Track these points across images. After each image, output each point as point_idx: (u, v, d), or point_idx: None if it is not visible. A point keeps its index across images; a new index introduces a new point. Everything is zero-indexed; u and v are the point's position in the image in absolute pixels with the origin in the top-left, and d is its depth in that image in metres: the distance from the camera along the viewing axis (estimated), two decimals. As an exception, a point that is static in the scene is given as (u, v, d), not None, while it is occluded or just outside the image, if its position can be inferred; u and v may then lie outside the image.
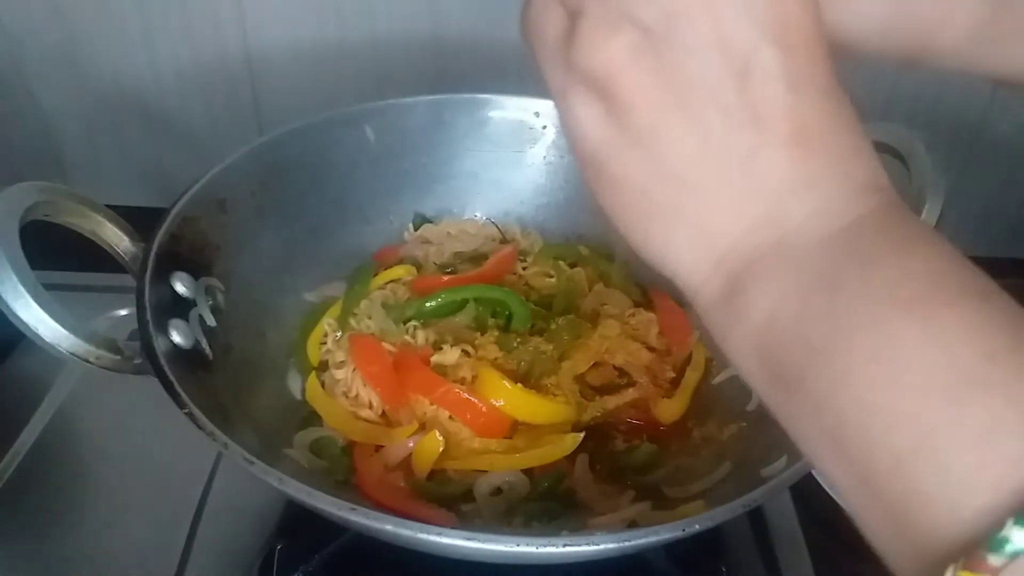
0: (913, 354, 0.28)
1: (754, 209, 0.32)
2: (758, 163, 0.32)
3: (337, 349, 0.73)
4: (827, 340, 0.30)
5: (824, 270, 0.31)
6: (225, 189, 0.72)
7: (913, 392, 0.27)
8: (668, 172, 0.33)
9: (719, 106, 0.32)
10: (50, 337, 0.54)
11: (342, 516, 0.49)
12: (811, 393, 0.30)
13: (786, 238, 0.32)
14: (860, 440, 0.28)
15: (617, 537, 0.49)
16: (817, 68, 0.32)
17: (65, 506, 0.72)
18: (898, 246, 0.31)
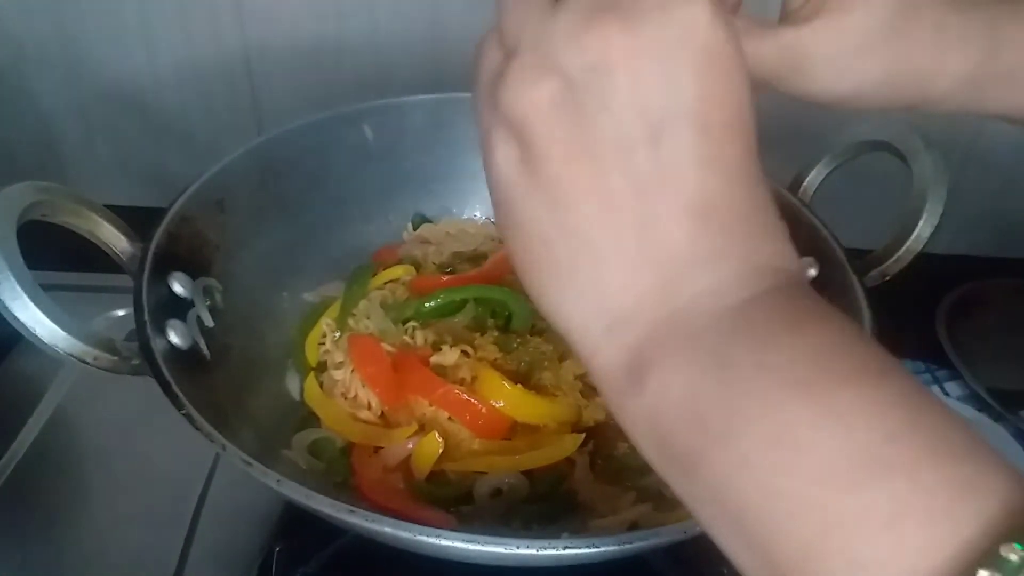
0: (810, 438, 0.27)
1: (647, 278, 0.31)
2: (655, 232, 0.31)
3: (336, 350, 0.73)
4: (723, 424, 0.29)
5: (717, 350, 0.30)
6: (223, 189, 0.71)
7: (814, 478, 0.26)
8: (568, 226, 0.32)
9: (626, 168, 0.31)
10: (47, 337, 0.54)
11: (341, 518, 0.49)
12: (710, 478, 0.29)
13: (677, 313, 0.31)
14: (764, 528, 0.27)
15: (618, 539, 0.49)
16: (733, 149, 0.32)
17: (62, 507, 0.72)
18: (791, 325, 0.30)
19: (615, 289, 0.32)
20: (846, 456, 0.26)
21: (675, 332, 0.31)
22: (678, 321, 0.31)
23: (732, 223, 0.32)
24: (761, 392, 0.28)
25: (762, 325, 0.30)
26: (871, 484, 0.25)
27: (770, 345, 0.29)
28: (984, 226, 1.03)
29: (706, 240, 0.31)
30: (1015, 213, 1.02)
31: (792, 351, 0.29)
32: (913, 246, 0.69)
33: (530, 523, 0.62)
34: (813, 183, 0.76)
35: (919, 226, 0.68)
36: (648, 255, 0.31)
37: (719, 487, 0.29)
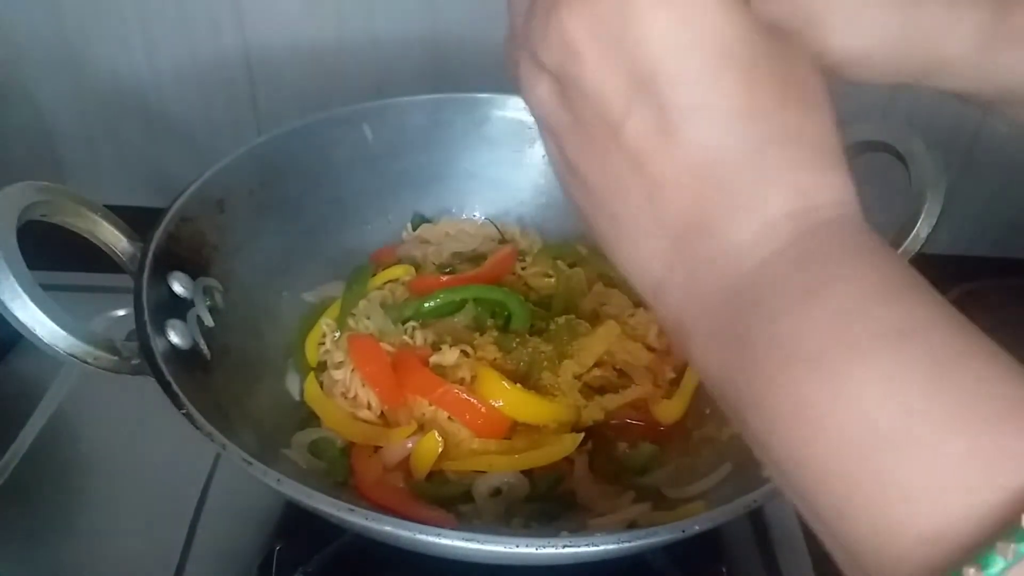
0: (827, 415, 0.27)
1: (665, 246, 0.33)
2: (662, 201, 0.32)
3: (335, 349, 0.73)
4: (748, 396, 0.30)
5: (733, 324, 0.31)
6: (223, 189, 0.71)
7: (834, 452, 0.27)
8: (597, 205, 0.35)
9: (620, 144, 0.32)
10: (48, 337, 0.54)
11: (341, 517, 0.49)
12: (752, 435, 0.31)
13: (698, 286, 0.32)
14: (800, 487, 0.29)
15: (617, 538, 0.49)
16: (721, 88, 0.31)
17: (63, 507, 0.72)
18: (804, 292, 0.30)
19: (646, 257, 0.34)
20: (862, 434, 0.27)
21: (696, 304, 0.32)
22: (696, 293, 0.32)
23: (734, 174, 0.31)
24: (775, 370, 0.29)
25: (777, 293, 0.30)
26: (888, 459, 0.26)
27: (781, 318, 0.29)
28: (983, 227, 1.03)
29: (710, 201, 0.31)
30: (1013, 214, 1.03)
31: (804, 322, 0.29)
32: (911, 246, 0.69)
33: (529, 522, 0.62)
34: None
35: (917, 226, 0.68)
36: (662, 224, 0.33)
37: (759, 445, 0.31)
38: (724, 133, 0.31)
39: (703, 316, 0.32)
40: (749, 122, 0.31)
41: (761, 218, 0.31)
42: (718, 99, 0.31)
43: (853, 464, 0.27)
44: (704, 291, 0.32)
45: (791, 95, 0.32)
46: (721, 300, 0.31)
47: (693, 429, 0.72)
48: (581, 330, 0.73)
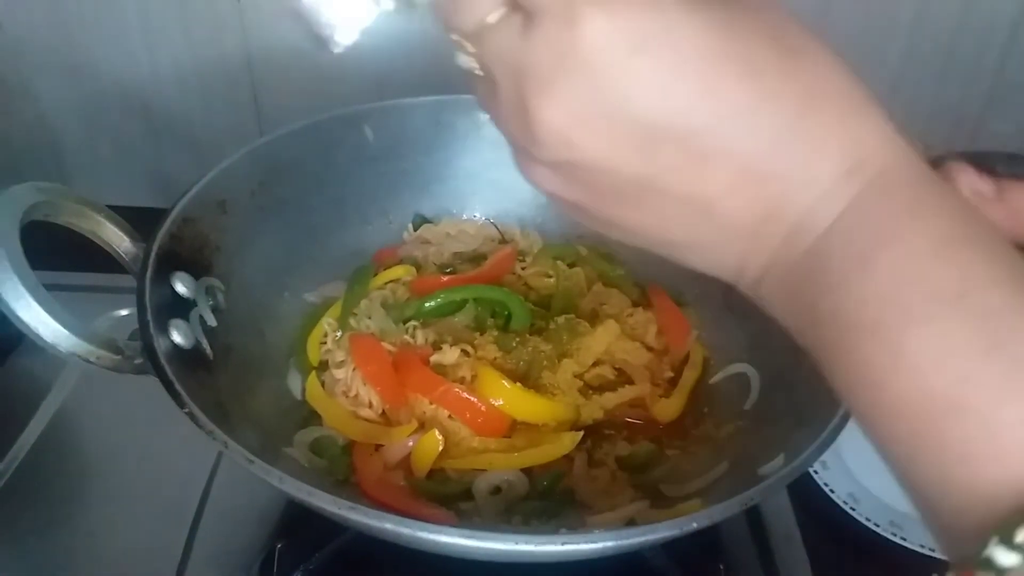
0: (886, 383, 0.29)
1: (737, 247, 0.34)
2: (716, 217, 0.33)
3: (337, 349, 0.73)
4: (821, 359, 0.32)
5: (803, 296, 0.32)
6: (225, 190, 0.72)
7: (895, 416, 0.29)
8: (651, 240, 0.35)
9: (649, 193, 0.33)
10: (51, 337, 0.54)
11: (342, 515, 0.49)
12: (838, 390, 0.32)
13: (771, 266, 0.33)
14: (875, 440, 0.30)
15: (615, 535, 0.49)
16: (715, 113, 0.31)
17: (66, 505, 0.72)
18: (861, 258, 0.30)
19: (719, 259, 0.35)
20: (920, 400, 0.28)
21: (773, 281, 0.33)
22: (773, 272, 0.33)
23: (777, 158, 0.31)
24: (839, 339, 0.30)
25: (837, 262, 0.31)
26: (944, 424, 0.27)
27: (840, 288, 0.30)
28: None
29: (762, 195, 0.32)
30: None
31: (862, 289, 0.30)
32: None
33: (529, 520, 0.63)
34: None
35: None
36: (725, 233, 0.33)
37: (845, 401, 0.32)
38: (749, 131, 0.31)
39: (778, 293, 0.33)
40: (772, 102, 0.31)
41: (818, 187, 0.31)
42: (726, 106, 0.30)
43: (913, 428, 0.28)
44: (776, 273, 0.33)
45: (789, 54, 0.31)
46: (789, 277, 0.32)
47: (691, 427, 0.72)
48: (581, 330, 0.74)
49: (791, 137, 0.31)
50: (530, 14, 0.31)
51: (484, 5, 0.33)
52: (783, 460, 0.56)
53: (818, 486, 0.73)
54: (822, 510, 0.72)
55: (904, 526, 0.70)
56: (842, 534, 0.71)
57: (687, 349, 0.76)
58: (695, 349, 0.77)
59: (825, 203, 0.31)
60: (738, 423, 0.69)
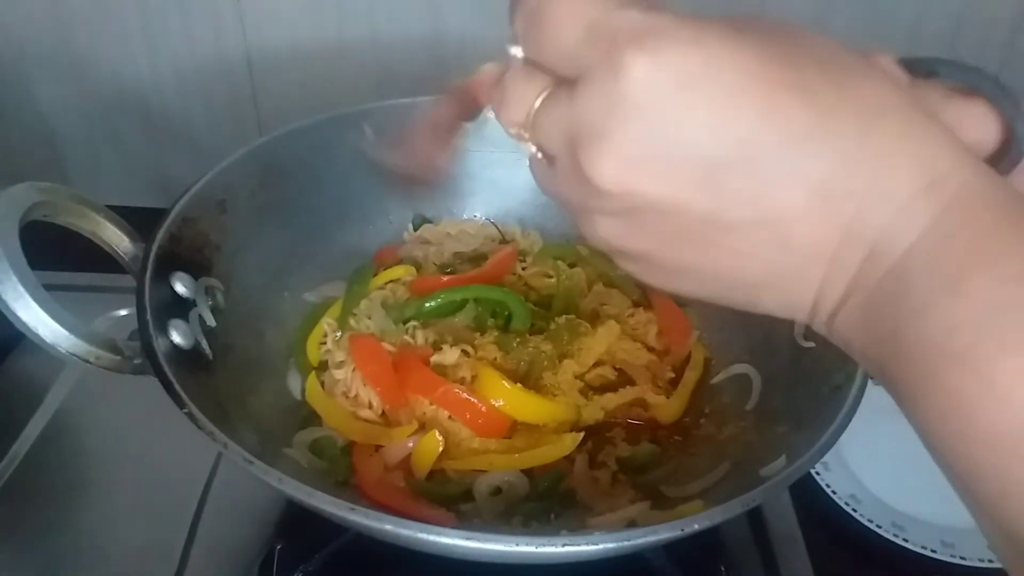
0: (977, 412, 0.27)
1: (816, 275, 0.32)
2: (793, 244, 0.31)
3: (337, 349, 0.73)
4: (903, 393, 0.30)
5: (885, 321, 0.31)
6: (225, 189, 0.72)
7: (986, 447, 0.28)
8: (725, 285, 0.34)
9: (718, 235, 0.32)
10: (50, 337, 0.54)
11: (341, 516, 0.49)
12: (914, 425, 0.31)
13: (850, 289, 0.32)
14: (958, 476, 0.29)
15: (616, 537, 0.49)
16: (775, 137, 0.30)
17: (65, 506, 0.72)
18: (949, 281, 0.29)
19: (798, 294, 0.33)
20: (1012, 430, 0.27)
21: (852, 307, 0.32)
22: (852, 296, 0.32)
23: (851, 179, 0.30)
24: (925, 366, 0.29)
25: (922, 283, 0.29)
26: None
27: (927, 312, 0.29)
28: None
29: (840, 215, 0.30)
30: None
31: (950, 318, 0.28)
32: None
33: (529, 521, 0.63)
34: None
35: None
36: (804, 260, 0.32)
37: (921, 434, 0.31)
38: (815, 150, 0.30)
39: (856, 320, 0.32)
40: (836, 123, 0.30)
41: (894, 203, 0.30)
42: (785, 128, 0.29)
43: (1005, 460, 0.27)
44: (856, 297, 0.31)
45: (840, 73, 0.31)
46: (871, 300, 0.31)
47: (692, 428, 0.72)
48: (581, 330, 0.73)
49: (859, 154, 0.30)
50: (575, 81, 0.31)
51: (530, 91, 0.33)
52: (785, 461, 0.56)
53: (820, 487, 0.73)
54: (824, 511, 0.72)
55: (906, 527, 0.70)
56: (844, 535, 0.71)
57: (688, 349, 0.76)
58: (696, 349, 0.76)
59: (905, 220, 0.30)
60: (740, 424, 0.69)
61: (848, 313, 0.32)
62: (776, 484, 0.53)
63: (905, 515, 0.71)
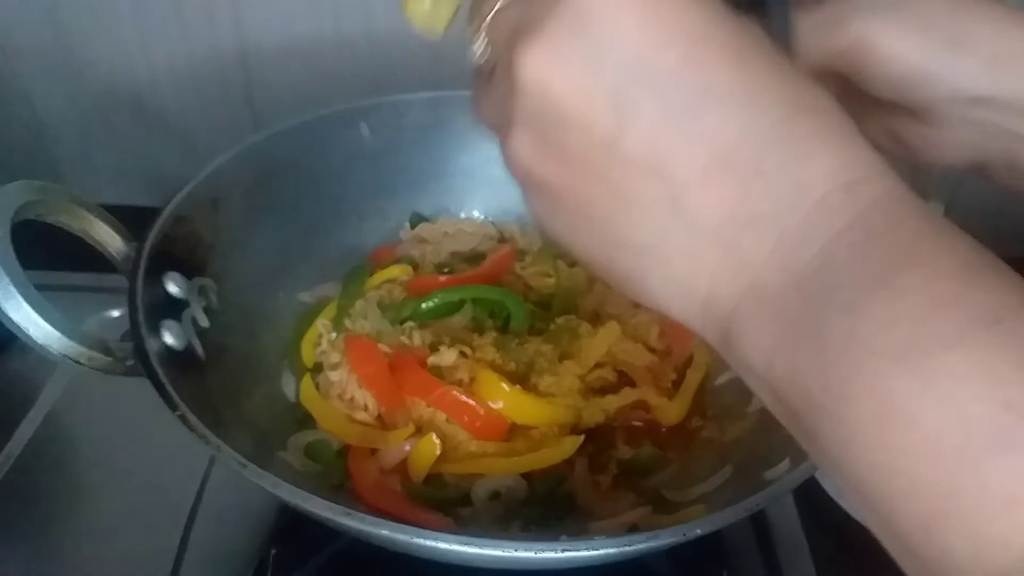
0: (918, 414, 0.25)
1: (710, 257, 0.30)
2: (690, 209, 0.30)
3: (332, 350, 0.73)
4: (826, 399, 0.27)
5: (805, 318, 0.28)
6: (219, 188, 0.71)
7: (927, 456, 0.25)
8: (617, 240, 0.33)
9: (625, 166, 0.31)
10: (41, 338, 0.54)
11: (337, 521, 0.49)
12: (827, 450, 0.28)
13: (757, 282, 0.29)
14: (884, 502, 0.26)
15: (617, 542, 0.49)
16: (713, 76, 0.30)
17: (56, 509, 0.71)
18: (882, 275, 0.27)
19: (689, 277, 0.31)
20: (957, 433, 0.24)
21: (760, 304, 0.29)
22: (759, 291, 0.29)
23: (766, 152, 0.29)
24: (857, 365, 0.26)
25: (848, 281, 0.27)
26: (988, 461, 0.24)
27: (859, 310, 0.27)
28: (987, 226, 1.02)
29: (744, 191, 0.29)
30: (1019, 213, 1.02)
31: (886, 312, 0.26)
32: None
33: (528, 526, 0.62)
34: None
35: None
36: (696, 234, 0.30)
37: (836, 459, 0.28)
38: (730, 114, 0.29)
39: (765, 318, 0.29)
40: (760, 96, 0.29)
41: (811, 196, 0.28)
42: (706, 83, 0.29)
43: (950, 469, 0.24)
44: (764, 292, 0.29)
45: (783, 70, 0.31)
46: (785, 295, 0.29)
47: (695, 431, 0.71)
48: (581, 331, 0.73)
49: (775, 133, 0.29)
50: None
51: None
52: (789, 464, 0.55)
53: (825, 491, 0.72)
54: (828, 516, 0.71)
55: (910, 531, 0.69)
56: (849, 540, 0.70)
57: (691, 350, 0.76)
58: (699, 350, 0.76)
59: (820, 216, 0.28)
60: (743, 426, 0.68)
61: (752, 313, 0.30)
62: (780, 488, 0.53)
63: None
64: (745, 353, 0.30)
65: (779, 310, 0.29)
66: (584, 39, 0.30)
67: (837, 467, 0.28)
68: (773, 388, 0.30)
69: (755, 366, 0.30)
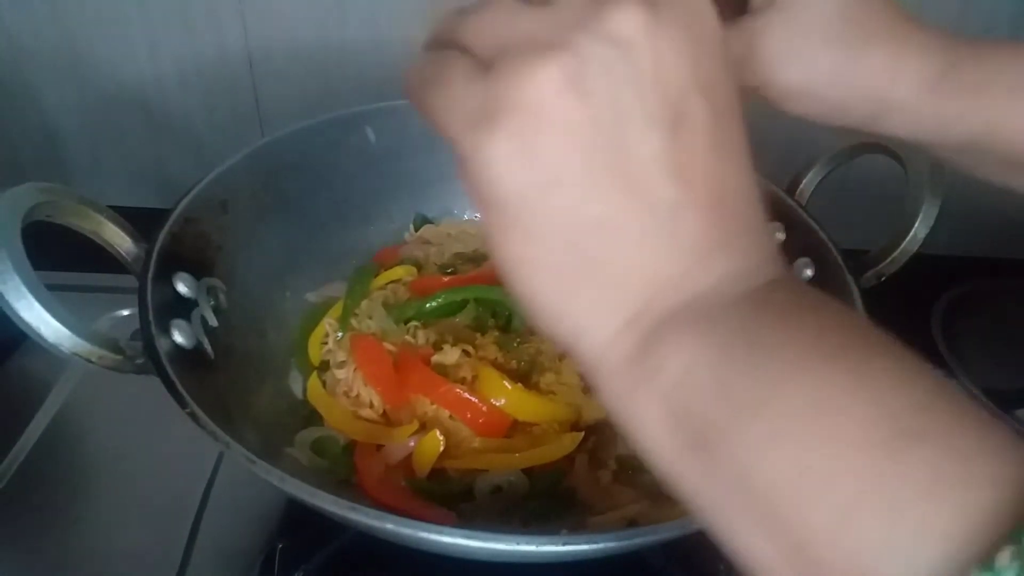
0: (847, 405, 0.26)
1: (670, 268, 0.31)
2: (679, 221, 0.30)
3: (338, 349, 0.73)
4: (751, 393, 0.28)
5: (743, 325, 0.30)
6: (227, 190, 0.72)
7: (851, 447, 0.26)
8: (589, 219, 0.30)
9: (648, 152, 0.30)
10: (52, 337, 0.54)
11: (343, 515, 0.49)
12: (734, 456, 0.28)
13: (700, 297, 0.30)
14: (793, 502, 0.26)
15: (617, 536, 0.49)
16: (737, 134, 0.32)
17: (67, 506, 0.72)
18: (813, 304, 0.31)
19: (639, 280, 0.31)
20: (882, 425, 0.26)
21: (696, 315, 0.30)
22: (701, 304, 0.30)
23: (744, 213, 0.32)
24: (792, 359, 0.28)
25: (784, 303, 0.30)
26: (907, 451, 0.25)
27: (794, 321, 0.29)
28: (980, 227, 1.03)
29: (724, 228, 0.31)
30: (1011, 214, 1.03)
31: (818, 325, 0.29)
32: (909, 247, 0.69)
33: (530, 520, 0.63)
34: (810, 185, 0.76)
35: (915, 227, 0.69)
36: (673, 244, 0.31)
37: (744, 465, 0.28)
38: (737, 174, 0.32)
39: (705, 327, 0.30)
40: (748, 174, 0.33)
41: (765, 252, 0.33)
42: (736, 140, 0.32)
43: (873, 458, 0.26)
44: (709, 305, 0.31)
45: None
46: (727, 311, 0.31)
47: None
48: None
49: (754, 201, 0.33)
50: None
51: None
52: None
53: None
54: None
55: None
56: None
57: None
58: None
59: (761, 267, 0.32)
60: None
61: (682, 323, 0.31)
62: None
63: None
64: (662, 362, 0.30)
65: (717, 322, 0.30)
66: (682, 37, 0.31)
67: (743, 477, 0.28)
68: (679, 399, 0.30)
69: (665, 375, 0.30)
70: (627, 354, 0.31)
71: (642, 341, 0.31)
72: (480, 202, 0.32)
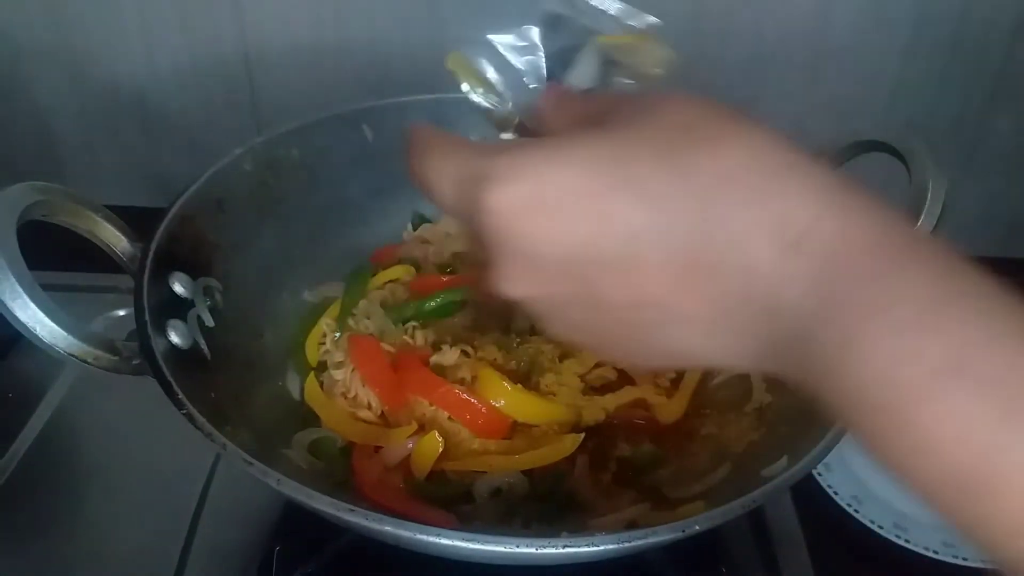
0: (910, 462, 0.27)
1: (729, 346, 0.33)
2: (678, 316, 0.32)
3: (336, 349, 0.73)
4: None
5: (804, 381, 0.31)
6: (223, 189, 0.71)
7: (927, 493, 0.27)
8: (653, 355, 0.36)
9: (610, 309, 0.34)
10: (48, 338, 0.53)
11: (341, 517, 0.49)
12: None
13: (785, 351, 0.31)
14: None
15: (617, 538, 0.49)
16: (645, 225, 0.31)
17: (63, 507, 0.72)
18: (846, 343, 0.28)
19: (734, 356, 0.33)
20: (943, 477, 0.26)
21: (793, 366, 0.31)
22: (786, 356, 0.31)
23: (695, 254, 0.31)
24: (855, 418, 0.29)
25: (818, 352, 0.29)
26: (978, 503, 0.26)
27: (833, 374, 0.29)
28: (983, 226, 1.03)
29: (701, 290, 0.31)
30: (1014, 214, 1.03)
31: (856, 376, 0.28)
32: (911, 246, 0.69)
33: (529, 522, 0.62)
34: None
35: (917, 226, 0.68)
36: (708, 335, 0.33)
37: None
38: (656, 242, 0.31)
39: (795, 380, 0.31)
40: (666, 211, 0.31)
41: (760, 270, 0.30)
42: (624, 228, 0.31)
43: (946, 505, 0.27)
44: (793, 354, 0.30)
45: (694, 146, 0.31)
46: (790, 361, 0.30)
47: (693, 429, 0.71)
48: (581, 330, 0.73)
49: (703, 228, 0.30)
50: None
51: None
52: (786, 462, 0.56)
53: (821, 488, 0.73)
54: (825, 512, 0.72)
55: (908, 528, 0.70)
56: (846, 537, 0.71)
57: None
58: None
59: (781, 283, 0.29)
60: (741, 424, 0.69)
61: (789, 373, 0.31)
62: (778, 485, 0.53)
63: (907, 516, 0.71)
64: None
65: (795, 376, 0.31)
66: (519, 253, 0.34)
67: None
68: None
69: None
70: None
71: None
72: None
